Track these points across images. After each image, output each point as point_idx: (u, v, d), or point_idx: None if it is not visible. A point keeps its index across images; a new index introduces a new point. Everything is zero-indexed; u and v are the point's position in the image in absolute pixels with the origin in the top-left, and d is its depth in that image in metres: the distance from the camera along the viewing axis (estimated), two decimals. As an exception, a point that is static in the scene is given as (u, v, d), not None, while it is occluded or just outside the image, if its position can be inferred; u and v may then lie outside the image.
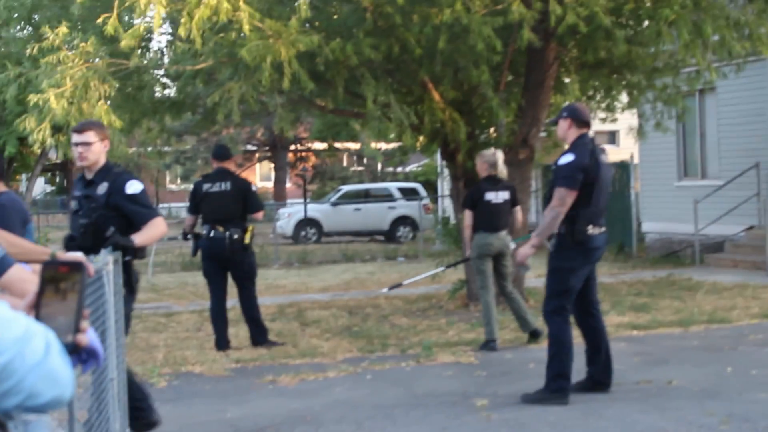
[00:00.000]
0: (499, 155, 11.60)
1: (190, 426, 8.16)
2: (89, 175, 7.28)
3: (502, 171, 11.54)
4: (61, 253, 5.63)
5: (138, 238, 6.96)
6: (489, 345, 11.09)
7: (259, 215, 11.73)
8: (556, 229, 8.39)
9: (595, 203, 8.37)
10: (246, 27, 10.61)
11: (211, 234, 11.33)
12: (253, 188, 11.80)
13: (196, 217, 11.73)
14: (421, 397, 8.80)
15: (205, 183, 11.63)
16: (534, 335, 11.28)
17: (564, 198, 8.28)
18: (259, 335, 11.68)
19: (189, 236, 11.72)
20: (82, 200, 7.22)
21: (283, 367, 10.45)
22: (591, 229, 8.36)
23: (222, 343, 11.52)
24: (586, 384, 8.76)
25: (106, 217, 7.06)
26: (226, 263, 11.44)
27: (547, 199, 8.56)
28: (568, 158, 8.38)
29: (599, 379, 8.76)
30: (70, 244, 7.13)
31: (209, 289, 11.70)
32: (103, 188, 7.15)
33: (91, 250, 6.10)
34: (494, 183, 11.42)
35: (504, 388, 9.08)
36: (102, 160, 7.27)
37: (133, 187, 7.14)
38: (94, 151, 7.19)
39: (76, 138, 7.24)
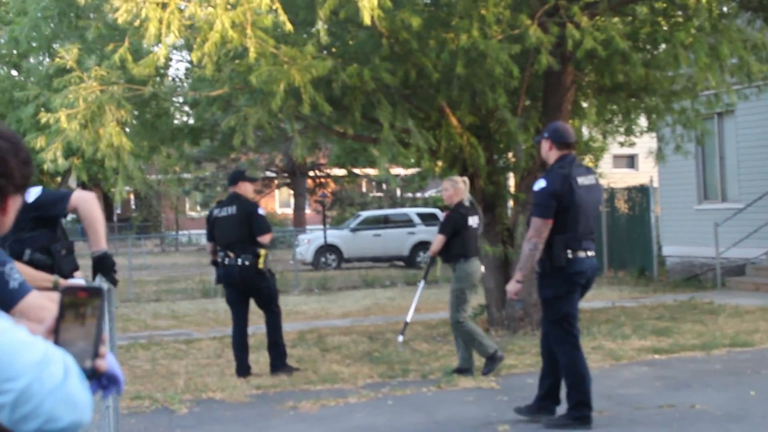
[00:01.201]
0: (466, 181, 11.29)
1: (210, 453, 8.15)
2: None
3: (469, 197, 11.27)
4: (63, 280, 5.61)
5: (102, 245, 6.26)
6: (496, 357, 10.93)
7: (265, 238, 11.30)
8: (537, 258, 8.26)
9: (573, 228, 8.19)
10: (252, 54, 10.64)
11: (225, 261, 11.30)
12: (260, 211, 11.50)
13: (213, 244, 11.62)
14: (443, 423, 8.76)
15: (216, 208, 11.60)
16: (460, 371, 11.04)
17: (539, 228, 8.15)
18: (276, 359, 11.60)
19: (217, 262, 11.61)
20: None
21: (304, 393, 10.44)
22: (571, 254, 8.21)
23: (242, 369, 11.48)
24: (533, 408, 8.63)
25: (19, 240, 6.29)
26: (245, 289, 11.40)
27: (528, 225, 8.45)
28: (541, 185, 8.26)
29: (544, 405, 8.59)
30: None
31: (232, 315, 11.70)
32: None
33: None
34: (468, 208, 11.15)
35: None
36: None
37: (33, 192, 6.37)
38: None
39: None
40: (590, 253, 8.37)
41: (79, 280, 5.04)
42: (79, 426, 1.85)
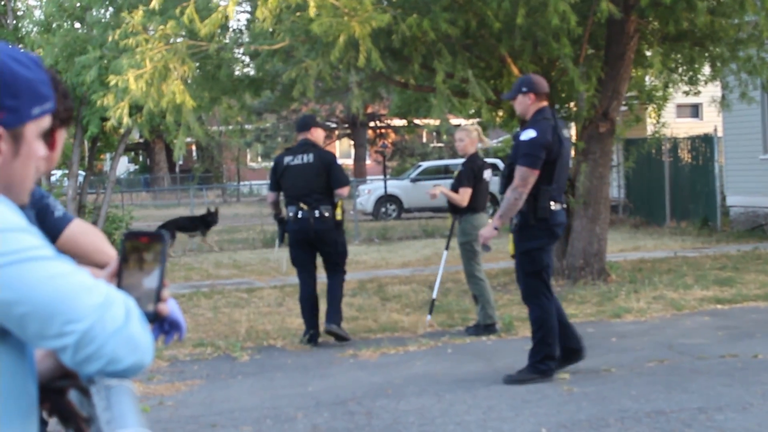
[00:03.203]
0: (480, 130, 10.92)
1: (272, 399, 8.25)
2: None
3: (482, 146, 10.90)
4: None
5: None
6: (491, 329, 10.64)
7: (344, 191, 10.36)
8: (519, 207, 8.20)
9: (557, 180, 8.20)
10: (312, 8, 10.64)
11: (299, 215, 10.29)
12: (339, 162, 10.63)
13: (277, 194, 10.73)
14: (502, 371, 8.77)
15: (286, 156, 10.57)
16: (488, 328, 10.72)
17: (527, 178, 8.09)
18: (333, 315, 10.45)
19: (282, 217, 10.70)
20: None
21: (364, 342, 10.51)
22: (553, 206, 8.19)
23: (313, 335, 10.49)
24: (561, 357, 8.56)
25: None
26: (319, 244, 10.41)
27: (506, 177, 8.34)
28: (530, 134, 8.15)
29: (572, 346, 8.53)
30: None
31: (299, 277, 10.65)
32: None
33: None
34: (483, 160, 10.81)
35: (585, 362, 9.01)
36: None
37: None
38: None
39: None
40: (564, 206, 8.42)
41: None
42: (140, 368, 1.89)
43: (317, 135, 10.62)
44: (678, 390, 7.84)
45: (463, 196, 10.61)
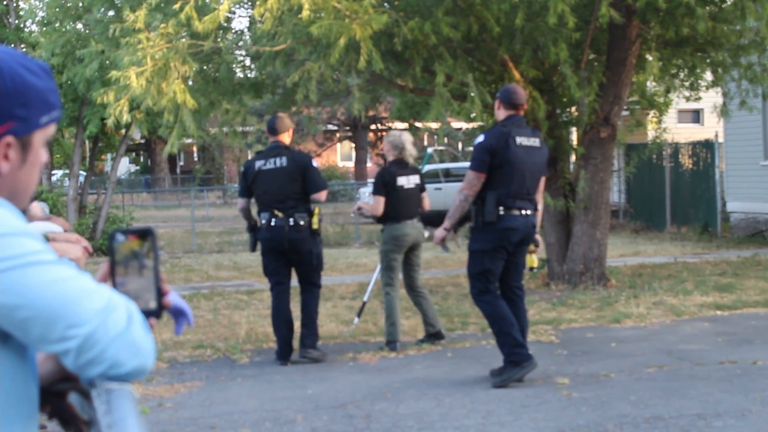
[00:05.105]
0: (407, 137, 10.48)
1: (271, 401, 8.25)
2: None
3: (412, 154, 10.42)
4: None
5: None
6: (391, 345, 10.24)
7: (321, 196, 9.59)
8: (465, 211, 8.44)
9: (507, 185, 8.31)
10: (306, 12, 10.67)
11: (272, 223, 9.62)
12: (315, 164, 9.80)
13: (247, 201, 9.95)
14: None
15: (257, 160, 9.75)
16: (437, 336, 10.43)
17: (471, 181, 8.36)
18: (308, 337, 9.85)
19: (253, 224, 10.01)
20: None
21: (364, 345, 10.52)
22: (503, 210, 8.32)
23: (287, 351, 9.84)
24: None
25: None
26: (293, 254, 9.72)
27: None
28: (479, 139, 8.50)
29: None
30: None
31: (272, 289, 9.95)
32: None
33: None
34: (404, 167, 10.33)
35: (585, 367, 9.04)
36: None
37: None
38: None
39: None
40: (525, 212, 8.47)
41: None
42: (142, 372, 1.89)
43: (289, 136, 9.91)
44: (677, 396, 7.84)
45: (375, 205, 10.33)
